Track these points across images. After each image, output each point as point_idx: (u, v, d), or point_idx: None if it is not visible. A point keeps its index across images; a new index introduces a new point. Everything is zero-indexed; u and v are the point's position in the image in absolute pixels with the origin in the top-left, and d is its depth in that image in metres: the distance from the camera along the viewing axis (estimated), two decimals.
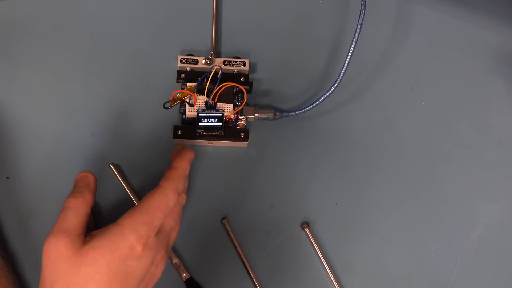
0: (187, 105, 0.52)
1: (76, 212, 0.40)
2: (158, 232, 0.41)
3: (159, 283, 0.49)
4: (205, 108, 0.52)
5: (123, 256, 0.38)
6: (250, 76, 0.55)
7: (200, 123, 0.51)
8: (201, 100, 0.52)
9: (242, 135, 0.52)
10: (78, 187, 0.43)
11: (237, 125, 0.53)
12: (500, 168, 0.56)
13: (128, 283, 0.38)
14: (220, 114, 0.51)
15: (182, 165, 0.45)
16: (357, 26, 0.51)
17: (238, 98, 0.53)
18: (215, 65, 0.53)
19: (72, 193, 0.42)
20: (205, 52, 0.56)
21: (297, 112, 0.53)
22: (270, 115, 0.53)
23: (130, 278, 0.38)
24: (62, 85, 0.54)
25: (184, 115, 0.52)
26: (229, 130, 0.52)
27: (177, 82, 0.54)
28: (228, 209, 0.52)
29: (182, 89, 0.53)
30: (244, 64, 0.54)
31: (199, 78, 0.52)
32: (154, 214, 0.40)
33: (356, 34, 0.51)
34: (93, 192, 0.43)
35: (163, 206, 0.41)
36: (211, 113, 0.51)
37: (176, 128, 0.52)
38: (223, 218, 0.51)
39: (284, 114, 0.53)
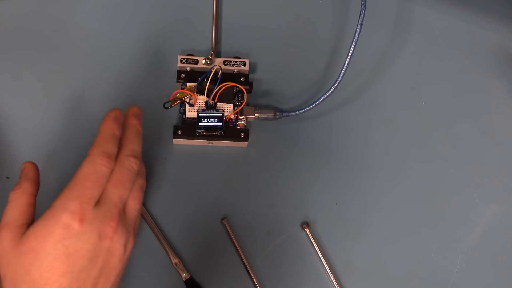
0: (187, 105, 0.52)
1: (15, 204, 0.40)
2: (99, 204, 0.38)
3: (159, 283, 0.49)
4: (205, 108, 0.52)
5: (58, 237, 0.36)
6: (250, 76, 0.55)
7: (200, 123, 0.51)
8: (201, 100, 0.52)
9: (242, 135, 0.52)
10: (18, 180, 0.42)
11: (237, 125, 0.53)
12: (500, 168, 0.56)
13: (75, 263, 0.37)
14: (220, 114, 0.51)
15: (106, 126, 0.42)
16: (357, 26, 0.51)
17: (238, 98, 0.53)
18: (215, 65, 0.53)
19: (14, 187, 0.41)
20: (205, 52, 0.56)
21: (297, 112, 0.53)
22: (270, 115, 0.53)
23: (76, 257, 0.37)
24: (62, 85, 0.54)
25: (184, 115, 0.52)
26: (229, 130, 0.52)
27: (177, 82, 0.54)
28: (228, 209, 0.52)
29: (182, 89, 0.53)
30: (244, 64, 0.54)
31: (199, 78, 0.52)
32: (83, 185, 0.38)
33: (356, 34, 0.51)
34: (32, 180, 0.41)
35: (92, 174, 0.38)
36: (211, 113, 0.51)
37: (176, 128, 0.52)
38: (223, 218, 0.51)
39: (284, 114, 0.53)
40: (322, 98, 0.53)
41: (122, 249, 0.39)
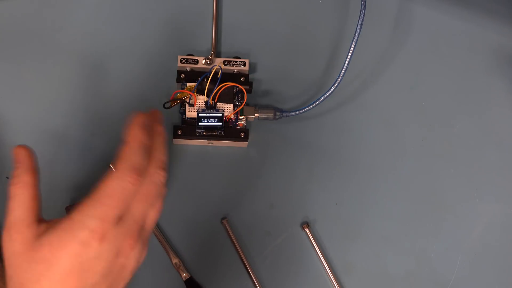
0: (187, 105, 0.52)
1: (20, 201, 0.37)
2: (121, 221, 0.36)
3: (159, 283, 0.49)
4: (205, 108, 0.52)
5: (74, 253, 0.35)
6: (250, 76, 0.55)
7: (200, 123, 0.51)
8: (201, 100, 0.52)
9: (242, 135, 0.52)
10: (15, 170, 0.39)
11: (237, 125, 0.53)
12: (500, 168, 0.56)
13: (88, 279, 0.35)
14: (220, 114, 0.51)
15: (134, 135, 0.37)
16: (357, 26, 0.51)
17: (238, 98, 0.53)
18: (215, 65, 0.53)
19: (12, 179, 0.38)
20: (205, 52, 0.56)
21: (297, 112, 0.53)
22: (270, 115, 0.53)
23: (90, 274, 0.35)
24: (62, 85, 0.54)
25: (184, 115, 0.52)
26: (229, 130, 0.52)
27: (177, 82, 0.54)
28: (228, 209, 0.52)
29: (182, 89, 0.53)
30: (244, 64, 0.54)
31: (199, 78, 0.52)
32: (107, 205, 0.35)
33: (356, 34, 0.51)
34: (31, 170, 0.38)
35: (118, 193, 0.35)
36: (211, 113, 0.51)
37: (176, 128, 0.52)
38: (223, 218, 0.51)
39: (284, 114, 0.53)
40: (322, 98, 0.53)
41: (136, 264, 0.38)
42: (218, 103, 0.52)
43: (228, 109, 0.52)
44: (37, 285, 0.35)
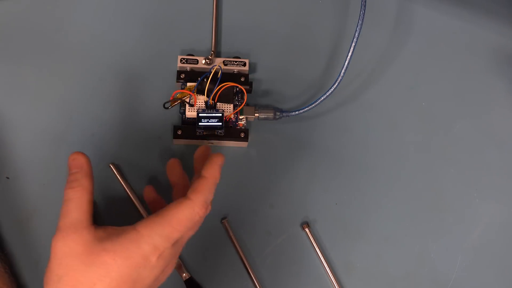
0: (187, 105, 0.52)
1: (78, 203, 0.39)
2: (175, 244, 0.39)
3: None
4: (205, 108, 0.52)
5: (135, 264, 0.37)
6: (250, 76, 0.55)
7: (200, 123, 0.51)
8: (201, 100, 0.52)
9: (242, 135, 0.52)
10: (73, 175, 0.41)
11: (237, 125, 0.53)
12: (500, 168, 0.56)
13: None
14: (220, 114, 0.51)
15: (214, 174, 0.41)
16: (357, 26, 0.51)
17: (238, 98, 0.53)
18: (215, 65, 0.53)
19: (68, 183, 0.40)
20: (205, 52, 0.56)
21: (297, 112, 0.53)
22: (270, 115, 0.53)
23: (139, 284, 0.37)
24: (62, 85, 0.54)
25: (184, 115, 0.52)
26: (229, 130, 0.52)
27: (177, 82, 0.54)
28: (228, 209, 0.52)
29: (182, 89, 0.53)
30: (244, 64, 0.54)
31: (199, 78, 0.52)
32: (175, 228, 0.38)
33: (356, 34, 0.51)
34: (89, 176, 0.41)
35: (187, 221, 0.39)
36: (211, 113, 0.51)
37: (176, 128, 0.52)
38: (223, 218, 0.51)
39: (284, 114, 0.53)
40: (322, 98, 0.53)
41: (165, 279, 0.41)
42: (218, 103, 0.52)
43: (228, 109, 0.52)
44: (93, 285, 0.36)
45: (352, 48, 0.52)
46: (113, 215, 0.50)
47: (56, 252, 0.37)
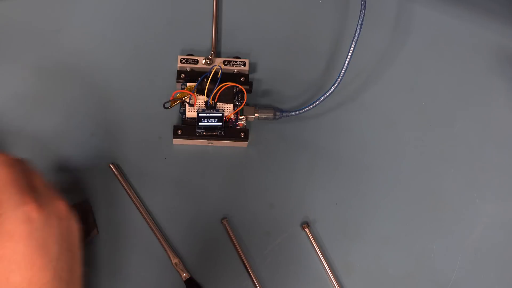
0: (187, 105, 0.52)
1: None
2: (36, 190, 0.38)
3: (159, 283, 0.49)
4: (205, 108, 0.52)
5: (25, 233, 0.36)
6: (250, 76, 0.55)
7: (200, 123, 0.51)
8: (201, 100, 0.52)
9: (242, 135, 0.52)
10: None
11: (237, 125, 0.53)
12: (500, 168, 0.56)
13: (49, 252, 0.37)
14: (220, 114, 0.51)
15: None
16: (357, 26, 0.51)
17: (238, 98, 0.53)
18: (215, 65, 0.53)
19: None
20: (205, 52, 0.56)
21: (297, 112, 0.53)
22: (270, 115, 0.53)
23: (48, 246, 0.36)
24: (62, 85, 0.54)
25: (184, 115, 0.52)
26: (229, 130, 0.52)
27: (177, 82, 0.54)
28: (228, 209, 0.52)
29: (182, 89, 0.53)
30: (244, 64, 0.54)
31: (199, 78, 0.52)
32: (10, 190, 0.37)
33: (356, 34, 0.51)
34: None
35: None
36: (211, 113, 0.51)
37: (176, 128, 0.52)
38: (223, 218, 0.51)
39: (284, 114, 0.53)
40: (322, 98, 0.53)
41: (77, 225, 0.40)
42: (218, 103, 0.52)
43: (228, 109, 0.52)
44: (8, 285, 0.35)
45: (352, 48, 0.52)
46: (112, 215, 0.50)
47: None
